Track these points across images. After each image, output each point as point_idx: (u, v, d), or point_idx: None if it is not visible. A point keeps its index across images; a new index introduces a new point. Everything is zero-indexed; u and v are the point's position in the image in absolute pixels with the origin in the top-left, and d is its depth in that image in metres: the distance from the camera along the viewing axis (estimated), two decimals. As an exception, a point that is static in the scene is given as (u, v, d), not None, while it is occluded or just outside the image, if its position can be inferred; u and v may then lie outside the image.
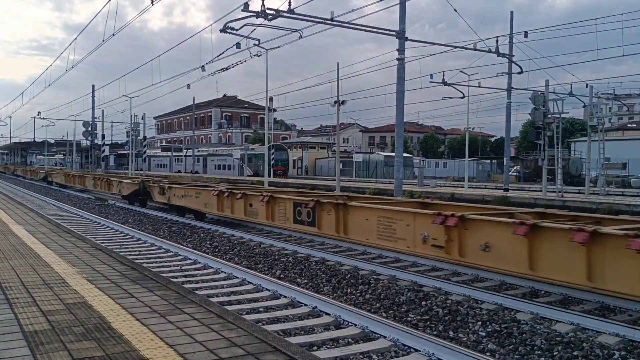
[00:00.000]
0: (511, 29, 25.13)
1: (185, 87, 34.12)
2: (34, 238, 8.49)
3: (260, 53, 21.45)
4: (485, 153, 70.24)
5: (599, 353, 5.12)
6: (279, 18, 15.99)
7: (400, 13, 17.57)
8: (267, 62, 26.88)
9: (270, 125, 35.22)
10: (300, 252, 10.41)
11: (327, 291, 7.54)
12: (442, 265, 8.95)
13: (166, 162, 69.52)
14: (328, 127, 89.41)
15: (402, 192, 17.89)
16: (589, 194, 23.04)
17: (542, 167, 21.51)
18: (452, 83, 26.28)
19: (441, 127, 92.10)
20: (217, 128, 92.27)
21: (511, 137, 36.96)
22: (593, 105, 25.04)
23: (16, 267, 5.98)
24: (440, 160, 63.28)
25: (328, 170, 54.82)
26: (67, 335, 3.58)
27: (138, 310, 4.26)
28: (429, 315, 6.33)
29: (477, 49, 21.02)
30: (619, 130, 57.40)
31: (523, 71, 24.99)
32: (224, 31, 16.75)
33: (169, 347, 3.38)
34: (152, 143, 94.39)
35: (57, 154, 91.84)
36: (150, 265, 8.90)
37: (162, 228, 14.44)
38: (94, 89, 47.60)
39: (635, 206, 17.08)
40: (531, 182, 38.18)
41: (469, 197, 22.44)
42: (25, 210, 13.80)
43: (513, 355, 5.13)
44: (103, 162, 50.63)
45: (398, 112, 18.12)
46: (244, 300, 6.88)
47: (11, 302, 4.43)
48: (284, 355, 3.27)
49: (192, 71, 43.30)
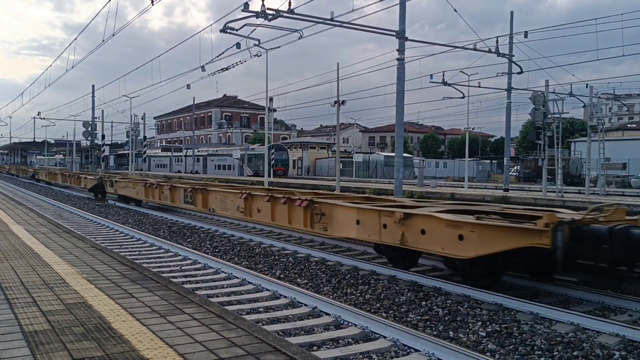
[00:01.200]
0: (511, 29, 25.13)
1: (185, 87, 34.13)
2: (34, 238, 8.49)
3: (260, 53, 21.44)
4: (485, 153, 70.24)
5: (599, 353, 5.12)
6: (279, 18, 15.97)
7: (400, 13, 17.55)
8: (267, 62, 26.90)
9: (270, 125, 35.22)
10: (300, 252, 10.41)
11: (327, 291, 7.54)
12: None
13: (166, 162, 69.48)
14: (328, 127, 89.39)
15: (402, 192, 17.88)
16: (589, 194, 23.05)
17: (542, 167, 21.50)
18: (452, 83, 26.27)
19: (441, 127, 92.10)
20: (217, 128, 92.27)
21: (511, 137, 36.96)
22: (593, 105, 25.03)
23: (16, 267, 5.98)
24: (440, 160, 63.28)
25: (328, 170, 54.82)
26: (67, 336, 3.58)
27: (138, 311, 4.26)
28: (429, 316, 6.33)
29: (477, 49, 21.01)
30: (619, 130, 57.40)
31: (523, 71, 24.98)
32: (224, 31, 16.73)
33: (169, 347, 3.38)
34: (152, 143, 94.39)
35: (57, 154, 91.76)
36: (150, 265, 8.90)
37: (162, 228, 14.45)
38: (94, 89, 47.56)
39: (636, 206, 17.07)
40: (531, 182, 38.18)
41: (469, 197, 22.42)
42: (25, 210, 13.80)
43: (513, 355, 5.13)
44: (103, 162, 50.58)
45: (398, 112, 18.11)
46: (244, 300, 6.88)
47: (11, 302, 4.43)
48: (284, 355, 3.27)
49: (192, 71, 43.39)
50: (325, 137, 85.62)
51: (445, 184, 35.56)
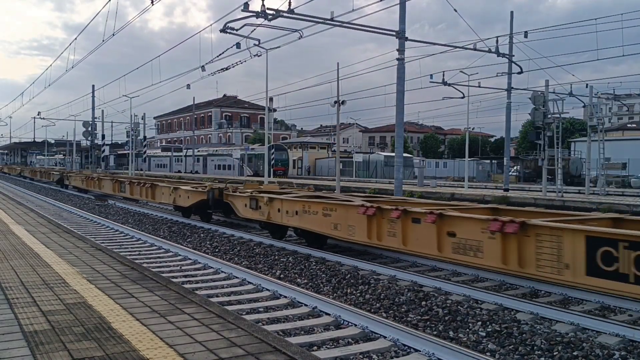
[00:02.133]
0: (511, 29, 25.13)
1: (185, 87, 34.12)
2: (34, 238, 8.49)
3: (260, 53, 21.44)
4: (485, 153, 70.19)
5: (599, 353, 5.12)
6: (279, 18, 15.98)
7: (400, 13, 17.55)
8: (267, 62, 26.91)
9: (270, 125, 35.21)
10: (300, 252, 10.41)
11: (327, 291, 7.54)
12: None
13: (166, 162, 69.49)
14: (328, 127, 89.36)
15: (402, 192, 17.88)
16: (589, 194, 23.05)
17: (542, 167, 21.51)
18: (452, 83, 26.28)
19: (441, 127, 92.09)
20: (217, 128, 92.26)
21: (511, 137, 36.96)
22: (593, 105, 25.03)
23: (16, 267, 5.99)
24: (440, 160, 63.26)
25: (328, 170, 54.80)
26: (67, 335, 3.58)
27: (138, 310, 4.26)
28: (429, 315, 6.33)
29: (477, 49, 21.00)
30: (619, 130, 57.34)
31: (523, 71, 24.98)
32: (224, 31, 16.73)
33: (169, 347, 3.38)
34: (152, 143, 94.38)
35: (57, 154, 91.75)
36: (150, 265, 8.91)
37: (162, 228, 14.45)
38: (94, 89, 47.58)
39: (635, 206, 17.08)
40: (531, 182, 38.17)
41: (469, 197, 22.42)
42: (26, 210, 13.80)
43: (513, 355, 5.13)
44: (103, 162, 50.57)
45: (398, 112, 18.11)
46: (244, 300, 6.88)
47: (11, 302, 4.43)
48: (284, 355, 3.27)
49: (192, 71, 43.30)
50: (325, 137, 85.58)
51: (445, 184, 35.55)
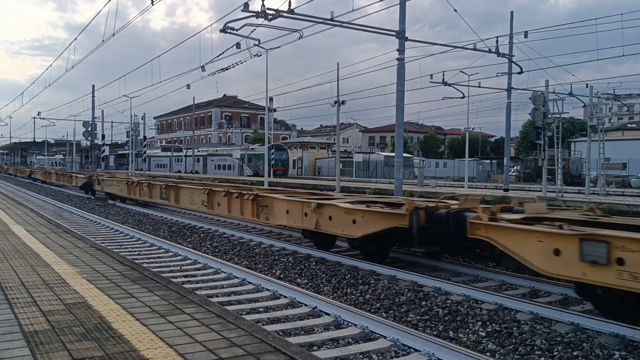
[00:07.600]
0: (511, 29, 25.12)
1: (186, 87, 34.11)
2: (33, 238, 8.48)
3: (260, 53, 21.43)
4: (485, 153, 70.17)
5: (599, 353, 5.12)
6: (279, 18, 15.98)
7: (400, 13, 17.56)
8: (267, 62, 26.88)
9: (270, 125, 35.21)
10: (300, 252, 10.41)
11: (327, 291, 7.54)
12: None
13: (166, 162, 69.46)
14: (328, 127, 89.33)
15: (402, 192, 17.88)
16: (589, 194, 23.04)
17: (542, 167, 21.49)
18: (452, 83, 26.28)
19: (441, 127, 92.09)
20: (217, 128, 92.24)
21: (511, 137, 36.97)
22: (593, 105, 25.02)
23: (16, 267, 5.98)
24: (441, 160, 63.25)
25: (328, 170, 54.78)
26: (67, 335, 3.58)
27: (138, 310, 4.26)
28: (429, 315, 6.33)
29: (477, 49, 21.00)
30: (619, 130, 57.33)
31: (523, 71, 24.99)
32: (224, 31, 16.73)
33: (169, 347, 3.38)
34: (152, 143, 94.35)
35: (57, 154, 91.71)
36: (150, 265, 8.91)
37: (162, 228, 14.45)
38: (94, 89, 47.61)
39: (635, 206, 17.07)
40: (531, 182, 38.16)
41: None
42: (25, 210, 13.79)
43: (513, 355, 5.13)
44: (103, 162, 50.59)
45: (398, 112, 18.12)
46: (244, 300, 6.88)
47: (11, 302, 4.43)
48: (284, 355, 3.27)
49: (193, 71, 43.30)
50: (325, 137, 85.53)
51: (445, 184, 35.54)
